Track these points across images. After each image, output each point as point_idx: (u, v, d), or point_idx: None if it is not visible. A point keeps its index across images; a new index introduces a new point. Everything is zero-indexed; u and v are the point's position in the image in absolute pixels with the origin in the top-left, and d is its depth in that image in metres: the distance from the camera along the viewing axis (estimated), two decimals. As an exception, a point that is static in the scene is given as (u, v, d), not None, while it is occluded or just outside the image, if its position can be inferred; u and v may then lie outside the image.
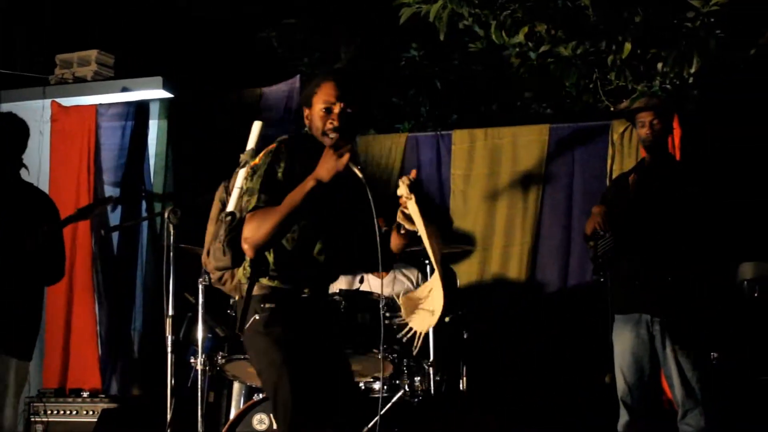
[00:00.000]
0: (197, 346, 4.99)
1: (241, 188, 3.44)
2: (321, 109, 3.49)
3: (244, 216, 3.35)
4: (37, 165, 6.76)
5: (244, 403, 5.21)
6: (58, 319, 6.67)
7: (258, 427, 4.68)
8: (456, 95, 8.85)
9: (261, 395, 4.74)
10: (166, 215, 4.72)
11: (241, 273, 3.48)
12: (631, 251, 4.77)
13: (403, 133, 7.15)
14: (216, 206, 3.68)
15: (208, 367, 4.99)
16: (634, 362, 4.73)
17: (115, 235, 6.88)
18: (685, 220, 4.68)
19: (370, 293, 5.25)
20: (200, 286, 5.01)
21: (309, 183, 3.28)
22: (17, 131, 4.96)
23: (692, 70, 6.14)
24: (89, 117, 7.07)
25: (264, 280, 3.45)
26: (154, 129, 7.10)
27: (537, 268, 6.28)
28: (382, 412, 4.69)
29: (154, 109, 7.14)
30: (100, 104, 7.15)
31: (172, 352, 4.66)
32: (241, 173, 3.49)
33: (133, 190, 6.97)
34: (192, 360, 5.04)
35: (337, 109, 3.48)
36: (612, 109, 6.71)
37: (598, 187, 6.03)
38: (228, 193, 3.57)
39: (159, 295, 4.72)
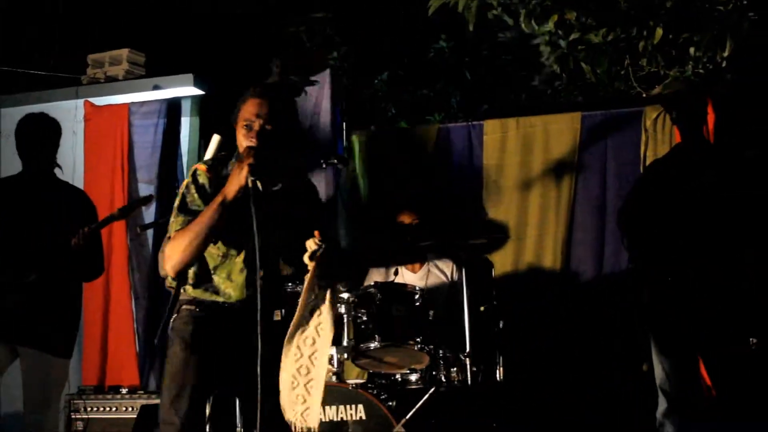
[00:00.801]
0: (234, 341, 5.00)
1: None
2: (242, 126, 3.53)
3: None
4: (72, 165, 6.80)
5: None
6: (96, 317, 6.72)
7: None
8: (486, 85, 8.82)
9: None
10: (200, 212, 4.73)
11: (169, 280, 3.57)
12: (668, 238, 4.74)
13: (434, 125, 7.12)
14: None
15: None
16: (671, 350, 4.70)
17: (150, 233, 6.92)
18: (720, 205, 4.64)
19: (405, 285, 5.26)
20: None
21: (218, 199, 3.37)
22: (49, 130, 5.01)
23: (725, 54, 6.07)
24: (122, 116, 7.11)
25: (188, 290, 3.54)
26: (186, 126, 7.14)
27: (571, 257, 6.24)
28: (419, 404, 4.72)
29: (186, 106, 7.17)
30: (133, 103, 7.19)
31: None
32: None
33: (167, 187, 7.01)
34: (229, 355, 5.06)
35: (256, 126, 3.50)
36: (644, 95, 6.66)
37: (632, 174, 5.99)
38: None
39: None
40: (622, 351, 5.81)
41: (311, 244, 3.39)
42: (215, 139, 3.62)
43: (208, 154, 3.63)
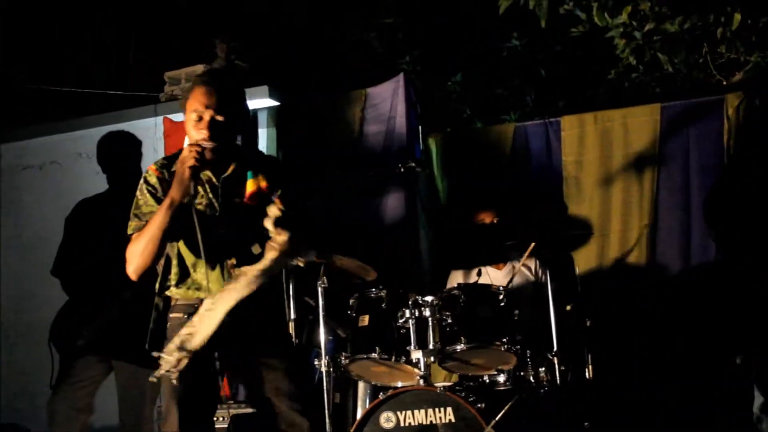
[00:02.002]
0: (320, 348, 5.03)
1: None
2: (192, 118, 3.48)
3: None
4: (154, 181, 6.92)
5: (370, 402, 5.22)
6: (183, 329, 6.81)
7: (385, 425, 4.69)
8: (561, 82, 8.74)
9: (386, 393, 4.76)
10: (282, 221, 4.77)
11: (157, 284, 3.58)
12: (757, 227, 4.64)
13: (511, 123, 7.08)
14: None
15: (333, 369, 5.03)
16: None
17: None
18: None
19: (489, 286, 5.22)
20: (319, 289, 5.05)
21: (165, 202, 3.36)
22: (130, 146, 5.10)
23: (808, 36, 5.93)
24: (200, 130, 7.20)
25: (172, 291, 3.56)
26: (264, 137, 7.20)
27: (657, 251, 6.13)
28: (508, 406, 4.68)
29: (263, 118, 7.24)
30: (210, 117, 7.27)
31: (296, 355, 4.72)
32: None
33: (248, 199, 7.07)
34: (316, 362, 5.09)
35: (206, 117, 3.46)
36: (725, 83, 6.52)
37: (716, 165, 5.88)
38: None
39: (280, 300, 4.78)
40: (714, 344, 5.69)
41: (274, 211, 3.30)
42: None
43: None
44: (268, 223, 3.28)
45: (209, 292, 3.46)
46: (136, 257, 3.43)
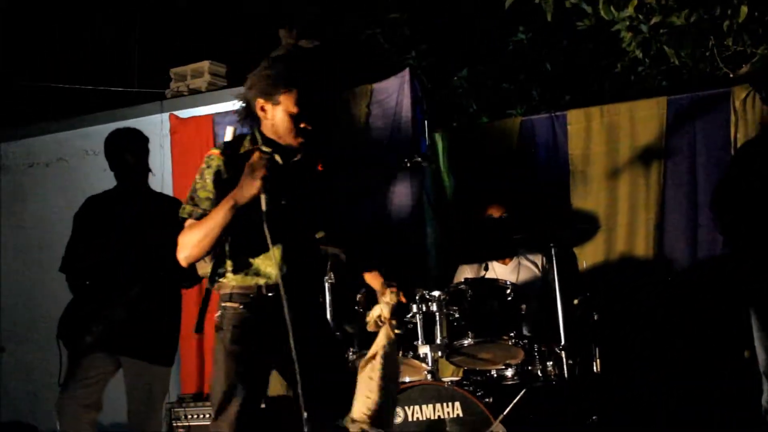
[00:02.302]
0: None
1: None
2: (286, 114, 3.44)
3: None
4: (160, 178, 6.94)
5: (378, 397, 5.22)
6: (192, 325, 6.80)
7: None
8: (567, 76, 8.72)
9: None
10: (287, 217, 4.77)
11: (205, 269, 3.54)
12: (763, 221, 4.63)
13: (517, 118, 7.07)
14: None
15: (340, 364, 5.03)
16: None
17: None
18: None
19: (496, 280, 5.23)
20: (326, 285, 5.06)
21: (227, 203, 3.30)
22: (137, 142, 5.10)
23: (815, 28, 5.90)
24: (206, 127, 7.21)
25: (229, 278, 3.48)
26: (270, 133, 7.20)
27: (664, 244, 6.12)
28: (516, 400, 4.68)
29: (268, 114, 7.24)
30: (216, 113, 7.28)
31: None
32: None
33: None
34: (323, 358, 5.08)
35: (302, 125, 3.45)
36: (731, 75, 6.50)
37: (723, 157, 5.87)
38: None
39: (287, 296, 4.78)
40: (722, 337, 5.68)
41: (391, 298, 3.42)
42: (229, 129, 3.60)
43: None
44: (385, 310, 3.41)
45: (269, 278, 3.44)
46: (190, 248, 3.37)
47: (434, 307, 4.90)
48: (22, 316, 7.95)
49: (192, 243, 3.36)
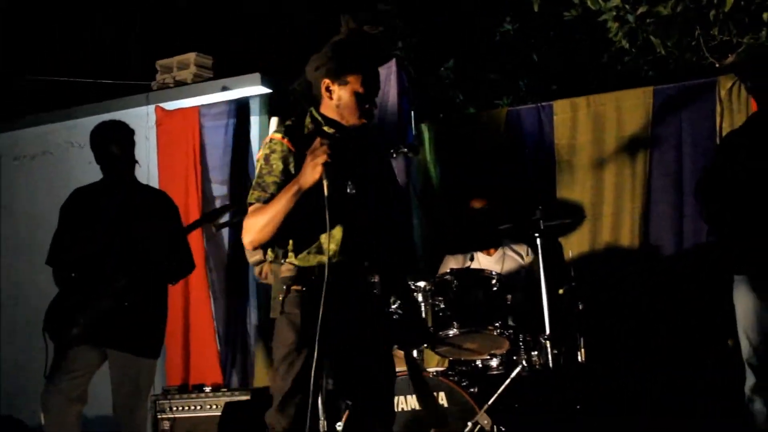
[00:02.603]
0: (313, 335, 5.02)
1: None
2: (353, 95, 3.49)
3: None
4: (146, 169, 6.93)
5: (364, 388, 5.22)
6: (177, 318, 6.81)
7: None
8: (554, 66, 8.72)
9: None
10: (273, 208, 4.76)
11: (269, 255, 3.52)
12: (748, 209, 4.63)
13: (503, 108, 7.07)
14: None
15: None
16: (757, 322, 4.58)
17: (225, 232, 6.99)
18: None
19: (482, 271, 5.23)
20: (311, 277, 5.04)
21: (292, 188, 3.32)
22: (123, 135, 5.09)
23: (800, 17, 5.90)
24: (192, 118, 7.20)
25: (291, 261, 3.46)
26: (256, 125, 7.21)
27: (650, 234, 6.12)
28: (501, 389, 4.69)
29: (255, 106, 7.24)
30: (202, 105, 7.28)
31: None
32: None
33: (240, 186, 7.08)
34: (309, 349, 5.08)
35: (369, 106, 3.52)
36: (717, 65, 6.51)
37: (708, 147, 5.86)
38: None
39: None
40: (706, 326, 5.69)
41: None
42: (273, 120, 3.61)
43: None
44: None
45: (334, 254, 3.43)
46: (255, 232, 3.40)
47: (420, 298, 4.90)
48: (11, 310, 7.93)
49: (257, 227, 3.38)
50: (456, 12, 9.00)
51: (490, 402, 4.61)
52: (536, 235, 5.23)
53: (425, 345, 4.49)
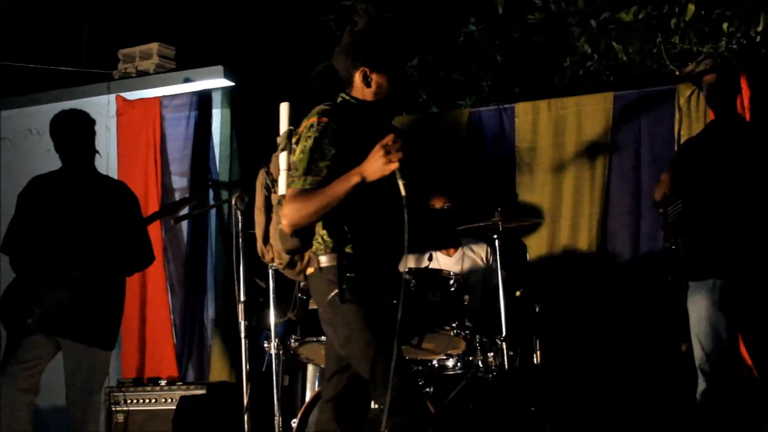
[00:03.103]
0: (270, 330, 5.03)
1: (287, 168, 3.45)
2: (387, 81, 3.53)
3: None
4: (105, 159, 6.86)
5: (319, 385, 5.24)
6: (133, 310, 6.77)
7: (334, 408, 4.69)
8: (517, 68, 8.75)
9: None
10: (233, 202, 4.75)
11: (317, 245, 3.45)
12: (703, 216, 4.69)
13: (465, 109, 7.09)
14: (260, 194, 3.69)
15: (282, 351, 5.02)
16: (710, 329, 4.64)
17: (184, 224, 6.96)
18: (757, 182, 4.59)
19: (440, 271, 5.24)
20: (270, 271, 5.04)
21: (354, 178, 3.27)
22: (84, 125, 5.06)
23: (759, 29, 5.97)
24: (154, 109, 7.16)
25: (348, 250, 3.42)
26: (218, 117, 7.18)
27: (607, 238, 6.19)
28: (456, 390, 4.71)
29: (217, 98, 7.21)
30: (164, 96, 7.23)
31: (245, 337, 4.69)
32: (282, 156, 3.50)
33: (200, 179, 7.05)
34: (265, 345, 5.08)
35: (399, 90, 3.58)
36: (677, 73, 6.58)
37: (667, 154, 5.92)
38: (272, 179, 3.59)
39: (230, 282, 4.77)
40: (661, 331, 5.76)
41: None
42: (284, 106, 3.58)
43: (283, 125, 3.57)
44: None
45: (386, 247, 3.47)
46: (301, 217, 3.33)
47: (377, 297, 4.90)
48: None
49: (307, 211, 3.31)
50: (421, 11, 9.00)
51: (445, 402, 4.62)
52: (495, 236, 5.25)
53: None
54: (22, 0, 9.53)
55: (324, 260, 3.42)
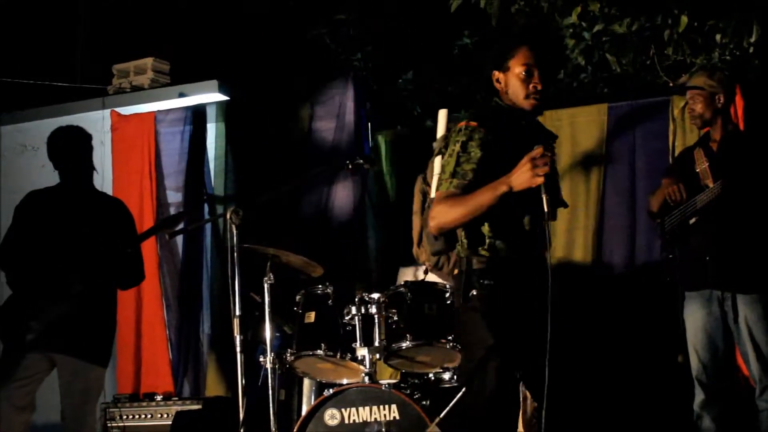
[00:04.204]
0: (266, 344, 5.01)
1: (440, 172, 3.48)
2: (521, 72, 3.53)
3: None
4: (100, 174, 6.85)
5: (315, 399, 5.21)
6: (129, 325, 6.77)
7: (330, 422, 4.69)
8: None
9: (331, 390, 4.75)
10: (228, 216, 4.73)
11: (459, 248, 3.48)
12: (701, 226, 4.70)
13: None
14: (417, 198, 3.82)
15: (278, 365, 5.00)
16: (707, 340, 4.65)
17: (179, 239, 6.95)
18: (754, 193, 4.59)
19: (435, 283, 5.23)
20: (266, 285, 5.02)
21: (501, 188, 3.28)
22: (82, 141, 5.06)
23: (752, 40, 5.99)
24: (148, 124, 7.17)
25: (482, 251, 3.45)
26: (212, 132, 7.18)
27: (603, 250, 6.18)
28: (453, 403, 4.69)
29: (211, 113, 7.21)
30: (159, 111, 7.24)
31: (241, 352, 4.66)
32: (437, 161, 3.55)
33: (195, 194, 7.05)
34: (261, 359, 5.06)
35: (536, 73, 3.52)
36: (671, 84, 6.59)
37: (661, 165, 5.92)
38: (427, 183, 3.68)
39: (225, 297, 4.77)
40: (657, 342, 5.75)
41: None
42: (442, 113, 3.60)
43: (440, 131, 3.60)
44: None
45: (519, 255, 3.47)
46: (448, 220, 3.39)
47: (373, 309, 4.89)
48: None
49: (454, 215, 3.36)
50: (415, 24, 9.03)
51: (441, 415, 4.61)
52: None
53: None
54: (16, 16, 9.54)
55: (463, 264, 3.46)
